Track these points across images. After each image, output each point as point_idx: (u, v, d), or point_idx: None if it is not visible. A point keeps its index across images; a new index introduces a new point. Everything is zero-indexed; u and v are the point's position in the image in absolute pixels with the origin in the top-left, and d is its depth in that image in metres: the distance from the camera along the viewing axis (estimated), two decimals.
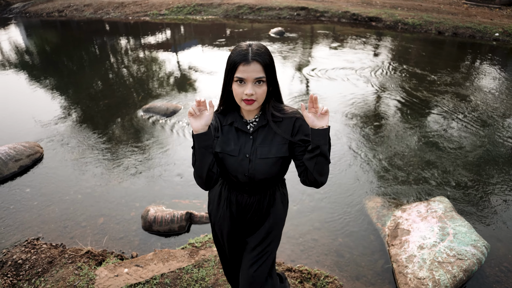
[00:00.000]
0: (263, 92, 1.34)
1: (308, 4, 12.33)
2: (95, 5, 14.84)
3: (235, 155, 1.41)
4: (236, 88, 1.34)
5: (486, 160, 3.96)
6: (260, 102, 1.36)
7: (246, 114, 1.45)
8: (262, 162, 1.40)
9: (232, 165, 1.42)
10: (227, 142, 1.43)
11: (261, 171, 1.41)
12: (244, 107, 1.35)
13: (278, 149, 1.41)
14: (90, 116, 5.36)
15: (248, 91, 1.30)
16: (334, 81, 6.46)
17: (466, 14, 10.85)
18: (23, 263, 2.61)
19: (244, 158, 1.41)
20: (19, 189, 3.67)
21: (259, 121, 1.43)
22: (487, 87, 6.17)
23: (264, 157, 1.40)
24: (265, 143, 1.42)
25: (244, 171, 1.41)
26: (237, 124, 1.43)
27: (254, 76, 1.30)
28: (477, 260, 2.37)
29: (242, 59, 1.30)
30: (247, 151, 1.41)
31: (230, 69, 1.34)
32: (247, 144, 1.42)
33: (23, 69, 8.21)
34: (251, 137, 1.43)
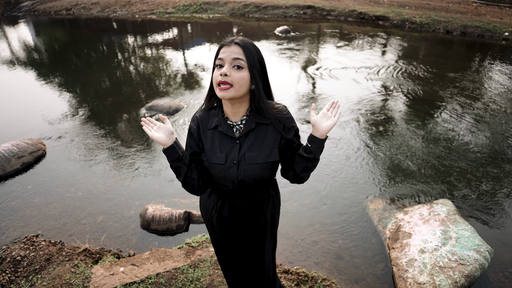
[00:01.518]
0: (241, 77, 1.23)
1: (314, 2, 12.24)
2: (103, 3, 14.93)
3: (222, 163, 1.33)
4: (214, 73, 1.27)
5: (493, 162, 3.88)
6: (239, 91, 1.24)
7: (231, 115, 1.34)
8: (251, 168, 1.32)
9: (219, 173, 1.34)
10: (212, 150, 1.35)
11: (250, 177, 1.34)
12: (218, 93, 1.24)
13: (268, 154, 1.33)
14: (94, 114, 5.38)
15: (223, 70, 1.22)
16: (339, 80, 6.39)
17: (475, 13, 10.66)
18: (22, 260, 2.62)
19: (231, 165, 1.33)
20: (21, 186, 3.69)
21: (246, 124, 1.33)
22: (496, 87, 6.04)
23: (253, 162, 1.32)
24: (253, 148, 1.33)
25: (233, 178, 1.34)
26: (221, 128, 1.33)
27: (232, 56, 1.24)
28: (480, 265, 2.31)
29: (225, 42, 1.29)
30: (234, 157, 1.32)
31: (215, 56, 1.30)
32: (234, 149, 1.33)
33: (31, 67, 8.28)
34: (238, 142, 1.34)
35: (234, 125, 1.35)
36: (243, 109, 1.34)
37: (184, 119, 5.03)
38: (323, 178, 3.66)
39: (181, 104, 5.42)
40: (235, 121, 1.35)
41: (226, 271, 1.73)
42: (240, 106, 1.32)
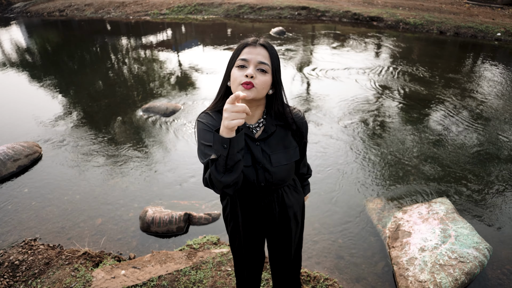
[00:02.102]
0: (264, 82, 1.22)
1: (309, 3, 12.29)
2: (96, 4, 14.83)
3: (249, 165, 1.30)
4: (235, 73, 1.23)
5: (488, 161, 3.92)
6: (259, 93, 1.22)
7: (247, 118, 1.31)
8: (278, 170, 1.33)
9: (247, 175, 1.30)
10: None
11: (278, 178, 1.34)
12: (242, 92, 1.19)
13: (292, 154, 1.35)
14: (89, 116, 5.34)
15: (249, 71, 1.19)
16: (335, 81, 6.42)
17: (468, 14, 10.79)
18: (20, 264, 2.59)
19: (258, 168, 1.31)
20: (17, 189, 3.65)
21: (267, 128, 1.33)
22: (489, 87, 6.12)
23: (279, 164, 1.33)
24: (277, 150, 1.33)
25: (260, 180, 1.32)
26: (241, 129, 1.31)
27: (258, 58, 1.21)
28: (479, 263, 2.33)
29: (248, 42, 1.25)
30: (259, 159, 1.31)
31: (234, 54, 1.25)
32: (256, 151, 1.31)
33: (23, 69, 8.19)
34: (258, 144, 1.32)
35: (251, 127, 1.34)
36: (259, 112, 1.33)
37: (181, 120, 5.01)
38: (321, 179, 3.67)
39: (178, 105, 5.40)
40: (250, 124, 1.34)
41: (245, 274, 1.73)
42: (256, 109, 1.32)
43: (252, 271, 1.72)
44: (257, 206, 1.44)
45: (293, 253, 1.64)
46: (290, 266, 1.68)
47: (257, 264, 1.71)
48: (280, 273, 1.72)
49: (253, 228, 1.51)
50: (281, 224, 1.52)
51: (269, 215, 1.47)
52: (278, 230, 1.54)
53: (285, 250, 1.60)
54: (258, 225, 1.50)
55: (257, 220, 1.48)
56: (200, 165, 3.95)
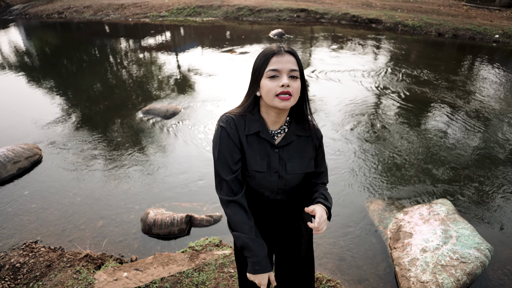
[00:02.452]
0: (298, 87, 1.23)
1: (308, 6, 12.33)
2: (95, 6, 14.85)
3: (263, 171, 1.30)
4: (267, 84, 1.22)
5: (488, 162, 3.94)
6: (295, 100, 1.24)
7: (271, 124, 1.32)
8: (292, 178, 1.34)
9: (260, 181, 1.32)
10: (252, 155, 1.30)
11: (291, 186, 1.36)
12: (279, 103, 1.21)
13: (306, 165, 1.36)
14: (89, 118, 5.34)
15: (284, 81, 1.19)
16: (334, 82, 6.44)
17: (466, 16, 10.85)
18: (21, 267, 2.58)
19: (273, 174, 1.31)
20: (18, 192, 3.64)
21: (287, 135, 1.34)
22: (488, 88, 6.15)
23: (294, 173, 1.33)
24: (294, 159, 1.34)
25: (273, 187, 1.34)
26: (264, 135, 1.30)
27: (289, 66, 1.21)
28: (481, 263, 2.34)
29: (274, 51, 1.24)
30: (275, 166, 1.31)
31: (261, 64, 1.23)
32: (273, 157, 1.31)
33: (22, 71, 8.19)
34: (277, 151, 1.32)
35: (273, 133, 1.34)
36: (284, 118, 1.33)
37: (182, 122, 5.01)
38: None
39: (178, 107, 5.41)
40: (273, 130, 1.34)
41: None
42: (284, 115, 1.32)
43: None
44: (268, 214, 1.45)
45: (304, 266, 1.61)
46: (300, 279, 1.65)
47: None
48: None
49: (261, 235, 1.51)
50: (291, 232, 1.52)
51: (278, 221, 1.48)
52: (287, 239, 1.53)
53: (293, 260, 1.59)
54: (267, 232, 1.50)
55: (266, 226, 1.48)
56: (205, 168, 3.95)
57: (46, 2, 16.94)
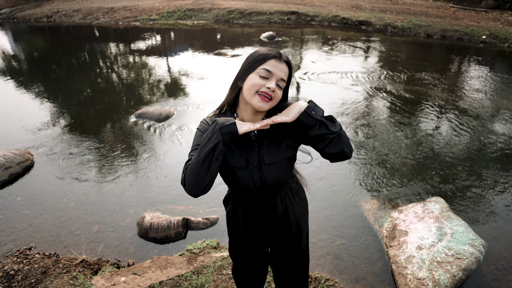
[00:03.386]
0: (279, 96, 1.28)
1: (298, 8, 12.42)
2: (84, 10, 14.72)
3: (243, 167, 1.33)
4: (254, 78, 1.24)
5: (478, 160, 4.02)
6: (271, 106, 1.29)
7: (249, 119, 1.35)
8: (272, 168, 1.34)
9: (242, 177, 1.33)
10: (229, 152, 1.34)
11: (273, 177, 1.35)
12: (257, 102, 1.24)
13: (283, 151, 1.35)
14: (81, 122, 5.29)
15: (272, 85, 1.23)
16: (325, 84, 6.50)
17: (453, 17, 11.05)
18: (15, 274, 2.54)
19: (253, 168, 1.33)
20: (10, 198, 3.58)
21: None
22: (476, 88, 6.27)
23: (272, 161, 1.33)
24: (270, 147, 1.34)
25: (256, 181, 1.34)
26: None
27: (281, 75, 1.26)
28: (476, 259, 2.39)
29: (276, 55, 1.27)
30: (254, 159, 1.33)
31: (259, 59, 1.26)
32: (252, 152, 1.34)
33: (11, 76, 8.06)
34: (255, 144, 1.35)
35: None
36: (261, 116, 1.36)
37: (176, 125, 5.00)
38: (316, 182, 3.70)
39: (171, 111, 5.39)
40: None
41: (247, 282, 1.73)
42: (259, 116, 1.36)
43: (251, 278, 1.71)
44: (258, 210, 1.45)
45: (298, 263, 1.62)
46: (294, 275, 1.66)
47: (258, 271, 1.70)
48: (283, 283, 1.70)
49: (254, 233, 1.52)
50: (282, 229, 1.51)
51: (270, 219, 1.48)
52: (279, 236, 1.53)
53: (286, 257, 1.59)
54: (259, 229, 1.51)
55: (258, 224, 1.49)
56: None
57: (34, 6, 16.73)
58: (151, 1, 15.07)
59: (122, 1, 15.55)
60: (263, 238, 1.55)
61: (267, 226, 1.50)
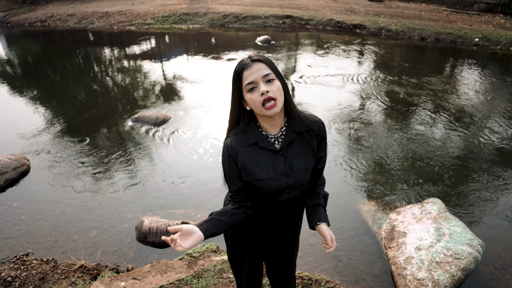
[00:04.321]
0: (278, 88, 1.27)
1: (293, 12, 12.50)
2: (79, 15, 14.67)
3: (271, 177, 1.33)
4: (250, 97, 1.27)
5: (473, 160, 4.06)
6: (282, 101, 1.28)
7: (270, 128, 1.35)
8: (299, 175, 1.37)
9: (270, 187, 1.34)
10: (256, 166, 1.33)
11: (301, 183, 1.38)
12: (268, 112, 1.25)
13: (310, 159, 1.39)
14: (77, 127, 5.26)
15: (262, 89, 1.23)
16: (321, 87, 6.53)
17: (446, 20, 11.19)
18: (13, 281, 2.51)
19: (280, 177, 1.34)
20: (6, 203, 3.55)
21: (286, 136, 1.36)
22: (469, 90, 6.35)
23: (300, 169, 1.36)
24: (297, 156, 1.37)
25: (284, 188, 1.35)
26: (262, 144, 1.34)
27: (261, 73, 1.26)
28: (474, 258, 2.41)
29: (243, 65, 1.28)
30: (281, 168, 1.34)
31: (236, 81, 1.30)
32: (279, 161, 1.34)
33: (4, 80, 8.00)
34: (281, 153, 1.35)
35: (274, 138, 1.37)
36: (281, 119, 1.36)
37: (173, 129, 4.99)
38: None
39: (168, 114, 5.38)
40: (274, 134, 1.37)
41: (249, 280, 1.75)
42: (279, 117, 1.34)
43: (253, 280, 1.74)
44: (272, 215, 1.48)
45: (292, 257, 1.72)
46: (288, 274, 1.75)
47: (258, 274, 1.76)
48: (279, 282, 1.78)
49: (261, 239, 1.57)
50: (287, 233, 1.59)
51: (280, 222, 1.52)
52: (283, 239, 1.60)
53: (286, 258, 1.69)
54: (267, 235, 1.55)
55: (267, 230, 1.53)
56: (197, 174, 3.95)
57: (28, 10, 16.64)
58: (146, 5, 15.07)
59: (117, 5, 15.54)
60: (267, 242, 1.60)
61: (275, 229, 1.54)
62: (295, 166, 1.35)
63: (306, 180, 1.40)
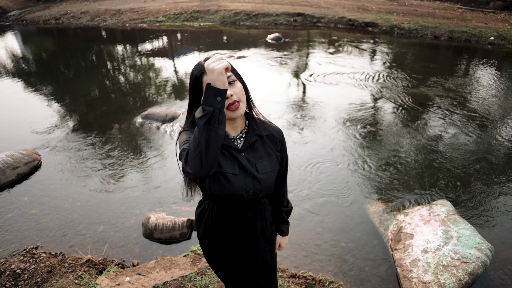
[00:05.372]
0: (240, 89, 1.26)
1: (304, 10, 12.42)
2: (92, 12, 14.87)
3: (236, 173, 1.31)
4: None
5: (486, 162, 3.97)
6: (245, 102, 1.28)
7: (230, 130, 1.35)
8: (265, 177, 1.35)
9: (236, 183, 1.31)
10: (224, 160, 1.31)
11: (266, 186, 1.36)
12: (232, 114, 1.25)
13: (274, 162, 1.39)
14: (88, 123, 5.34)
15: (227, 92, 1.21)
16: (331, 86, 6.48)
17: (461, 18, 10.96)
18: (22, 273, 2.57)
19: (246, 176, 1.33)
20: (17, 197, 3.63)
21: (248, 137, 1.35)
22: (484, 90, 6.20)
23: (265, 171, 1.35)
24: (262, 158, 1.37)
25: (249, 189, 1.33)
26: (225, 141, 1.32)
27: None
28: (482, 263, 2.36)
29: (202, 70, 1.24)
30: (246, 167, 1.33)
31: (195, 85, 1.26)
32: (242, 160, 1.33)
33: (19, 77, 8.17)
34: (243, 154, 1.34)
35: (234, 139, 1.36)
36: (242, 121, 1.36)
37: (181, 126, 5.02)
38: (322, 184, 3.69)
39: (177, 112, 5.42)
40: (234, 135, 1.36)
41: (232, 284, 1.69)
42: (239, 121, 1.35)
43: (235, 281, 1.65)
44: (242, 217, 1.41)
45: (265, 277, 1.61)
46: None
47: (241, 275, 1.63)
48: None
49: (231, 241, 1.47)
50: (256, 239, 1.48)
51: (249, 227, 1.44)
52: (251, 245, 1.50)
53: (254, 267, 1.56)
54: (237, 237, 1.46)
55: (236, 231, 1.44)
56: None
57: (42, 8, 16.96)
58: (158, 3, 15.17)
59: (129, 3, 15.69)
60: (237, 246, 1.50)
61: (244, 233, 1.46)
62: (260, 167, 1.34)
63: (270, 184, 1.38)
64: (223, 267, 1.55)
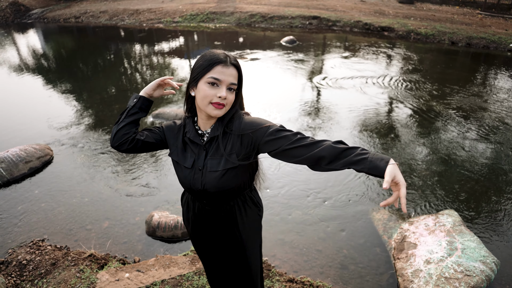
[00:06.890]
0: (232, 99, 1.29)
1: (320, 13, 12.36)
2: (111, 12, 15.19)
3: (189, 167, 1.36)
4: (206, 89, 1.24)
5: (498, 174, 3.86)
6: (226, 110, 1.30)
7: (203, 124, 1.36)
8: (211, 176, 1.32)
9: (186, 178, 1.37)
10: (183, 154, 1.38)
11: (212, 185, 1.32)
12: (212, 111, 1.26)
13: (227, 162, 1.31)
14: (100, 120, 5.45)
15: (223, 93, 1.23)
16: (345, 90, 6.42)
17: (480, 24, 10.70)
18: (27, 264, 2.64)
19: (197, 171, 1.35)
20: (28, 190, 3.73)
21: (211, 132, 1.34)
22: (501, 99, 6.04)
23: (213, 170, 1.32)
24: (216, 155, 1.33)
25: (197, 184, 1.35)
26: (189, 135, 1.36)
27: (230, 80, 1.25)
28: (486, 277, 2.29)
29: (221, 60, 1.24)
30: (200, 164, 1.35)
31: (205, 67, 1.25)
32: (201, 156, 1.35)
33: (39, 73, 8.42)
34: (204, 149, 1.36)
35: (204, 133, 1.37)
36: (214, 120, 1.36)
37: None
38: (327, 189, 3.66)
39: None
40: (204, 130, 1.37)
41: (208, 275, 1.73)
42: (214, 119, 1.35)
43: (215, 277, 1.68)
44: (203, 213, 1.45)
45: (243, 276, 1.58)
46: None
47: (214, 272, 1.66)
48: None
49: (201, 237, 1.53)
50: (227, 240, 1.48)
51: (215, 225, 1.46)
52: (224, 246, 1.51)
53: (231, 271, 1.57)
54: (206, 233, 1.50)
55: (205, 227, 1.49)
56: None
57: (63, 6, 17.42)
58: (175, 3, 15.38)
59: (147, 3, 15.96)
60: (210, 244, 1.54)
61: (213, 232, 1.48)
62: (209, 165, 1.33)
63: (217, 184, 1.32)
64: (199, 253, 1.64)
